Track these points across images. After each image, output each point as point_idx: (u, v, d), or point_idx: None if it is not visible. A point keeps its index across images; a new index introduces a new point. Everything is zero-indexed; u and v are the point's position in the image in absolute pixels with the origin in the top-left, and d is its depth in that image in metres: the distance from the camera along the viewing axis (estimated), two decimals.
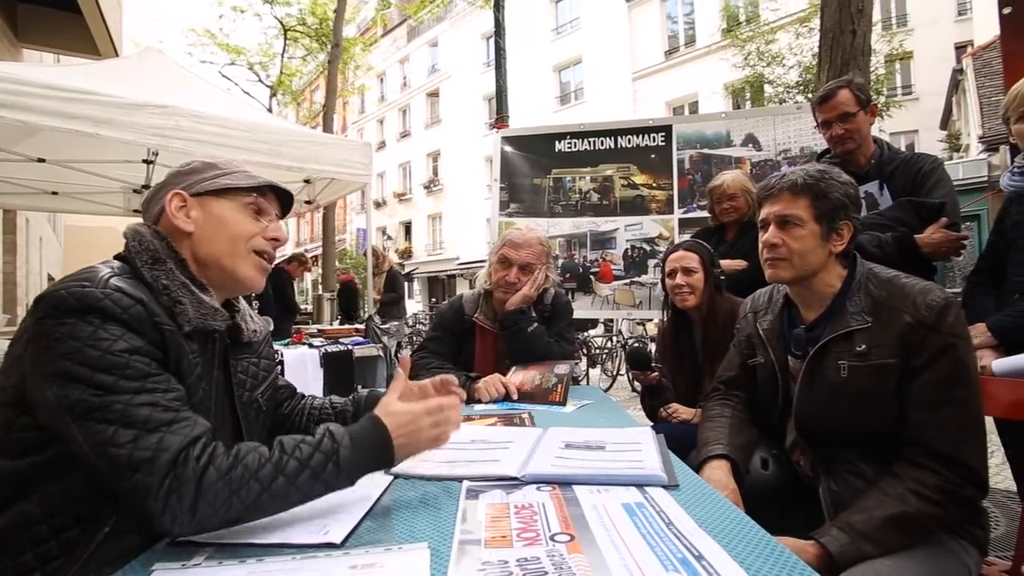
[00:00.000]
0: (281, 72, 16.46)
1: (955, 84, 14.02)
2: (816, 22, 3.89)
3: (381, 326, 5.13)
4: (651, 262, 3.57)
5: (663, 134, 3.65)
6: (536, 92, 21.95)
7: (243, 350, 1.12)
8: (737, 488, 1.27)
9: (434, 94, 27.94)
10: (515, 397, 1.76)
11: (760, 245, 1.33)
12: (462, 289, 2.16)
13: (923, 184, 2.02)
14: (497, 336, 2.02)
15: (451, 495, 0.94)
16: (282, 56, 16.13)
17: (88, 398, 0.78)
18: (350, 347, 4.10)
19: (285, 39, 15.53)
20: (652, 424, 2.09)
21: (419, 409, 0.97)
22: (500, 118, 4.30)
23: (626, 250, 3.66)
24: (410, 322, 13.56)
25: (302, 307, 6.11)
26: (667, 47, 19.18)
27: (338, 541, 0.78)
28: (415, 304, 25.87)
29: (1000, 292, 1.75)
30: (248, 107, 5.54)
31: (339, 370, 3.94)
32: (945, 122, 15.70)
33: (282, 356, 3.54)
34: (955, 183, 2.17)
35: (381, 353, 4.38)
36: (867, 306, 1.24)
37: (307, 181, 5.53)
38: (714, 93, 16.02)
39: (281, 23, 14.98)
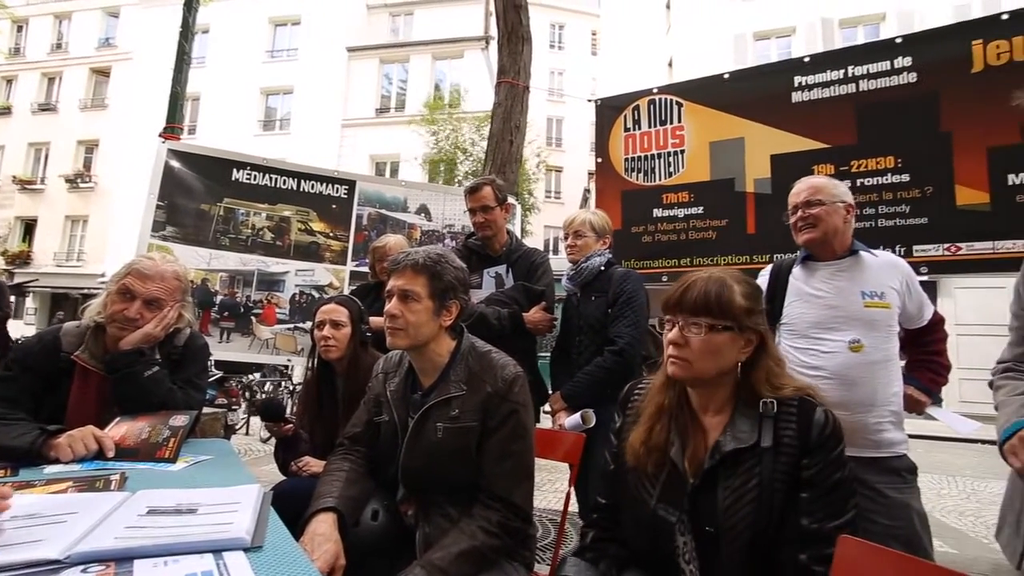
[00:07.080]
0: None
1: (584, 199, 18.38)
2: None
3: None
4: None
5: (347, 188, 3.76)
6: (238, 110, 20.12)
7: None
8: (340, 539, 1.31)
9: (103, 72, 22.79)
10: (110, 454, 1.48)
11: (384, 314, 1.47)
12: None
13: (534, 273, 2.57)
14: (104, 379, 1.70)
15: None
16: None
17: None
18: None
19: None
20: (284, 477, 2.02)
21: None
22: (170, 128, 3.76)
23: (295, 295, 3.57)
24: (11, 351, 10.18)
25: None
26: (379, 105, 20.01)
27: None
28: (26, 327, 19.74)
29: (570, 365, 2.32)
30: None
31: None
32: None
33: None
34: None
35: None
36: (464, 376, 1.48)
37: None
38: (409, 161, 17.02)
39: None
